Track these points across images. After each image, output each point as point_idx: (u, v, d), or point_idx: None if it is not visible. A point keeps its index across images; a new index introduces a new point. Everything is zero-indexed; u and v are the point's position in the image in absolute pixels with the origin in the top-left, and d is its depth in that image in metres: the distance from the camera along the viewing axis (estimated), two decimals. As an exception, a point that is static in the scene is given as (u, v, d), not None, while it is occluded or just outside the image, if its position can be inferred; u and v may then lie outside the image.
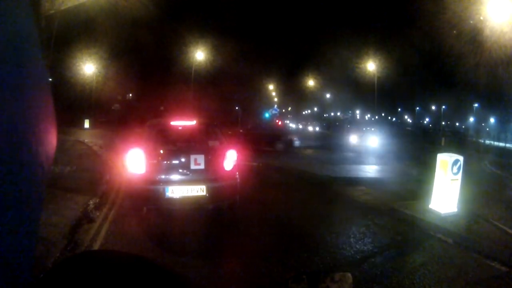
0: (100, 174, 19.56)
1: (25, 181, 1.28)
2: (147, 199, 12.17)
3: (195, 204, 12.25)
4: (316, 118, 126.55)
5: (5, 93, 1.16)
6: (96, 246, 10.11)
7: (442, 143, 58.90)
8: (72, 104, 67.56)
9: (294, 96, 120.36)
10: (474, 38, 33.56)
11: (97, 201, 14.34)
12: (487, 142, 70.27)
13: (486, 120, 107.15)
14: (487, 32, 30.81)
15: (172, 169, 12.28)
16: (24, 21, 1.30)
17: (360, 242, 11.26)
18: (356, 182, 21.58)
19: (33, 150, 1.30)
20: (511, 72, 36.78)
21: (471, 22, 32.50)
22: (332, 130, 74.36)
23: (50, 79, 31.62)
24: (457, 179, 13.70)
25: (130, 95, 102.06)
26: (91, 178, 18.28)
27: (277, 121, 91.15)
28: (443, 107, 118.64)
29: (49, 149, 1.43)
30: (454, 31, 34.81)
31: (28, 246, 1.32)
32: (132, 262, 2.22)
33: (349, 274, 2.26)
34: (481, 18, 31.13)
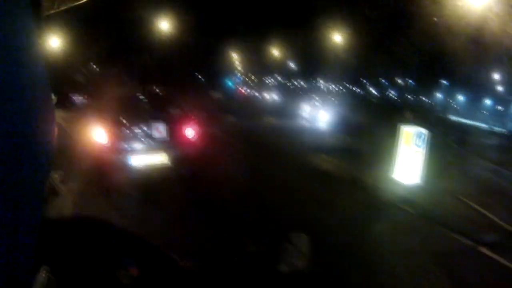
0: (64, 146, 19.50)
1: (25, 181, 1.31)
2: (111, 169, 12.28)
3: (158, 172, 12.42)
4: (279, 87, 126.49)
5: (5, 93, 1.19)
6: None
7: (407, 116, 59.06)
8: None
9: (258, 64, 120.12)
10: (445, 15, 33.86)
11: (62, 174, 14.35)
12: (454, 118, 70.90)
13: (454, 97, 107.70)
14: (457, 9, 31.12)
15: (134, 138, 12.42)
16: (24, 21, 1.33)
17: (320, 209, 11.46)
18: (318, 150, 21.68)
19: (33, 150, 1.35)
20: (480, 51, 37.16)
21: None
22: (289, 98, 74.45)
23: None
24: (421, 152, 13.93)
25: (94, 66, 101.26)
26: (56, 151, 18.21)
27: (239, 89, 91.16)
28: (410, 81, 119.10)
29: (49, 149, 1.48)
30: (435, 19, 35.09)
31: (28, 246, 1.35)
32: (100, 228, 2.33)
33: (305, 236, 2.39)
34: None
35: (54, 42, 65.57)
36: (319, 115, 41.81)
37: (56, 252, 1.94)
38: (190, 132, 12.81)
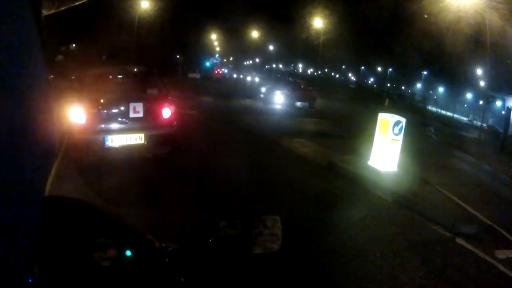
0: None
1: (25, 181, 1.27)
2: (88, 149, 12.23)
3: (134, 152, 12.45)
4: (257, 69, 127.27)
5: (5, 93, 1.16)
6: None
7: (386, 104, 59.52)
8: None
9: (237, 46, 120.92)
10: (428, 7, 34.10)
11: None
12: (434, 109, 71.52)
13: (434, 88, 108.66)
14: (445, 5, 31.35)
15: (111, 118, 12.33)
16: (24, 21, 1.29)
17: (296, 193, 11.40)
18: (295, 134, 21.66)
19: (33, 150, 1.30)
20: (461, 43, 37.49)
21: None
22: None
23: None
24: (398, 140, 13.94)
25: (74, 45, 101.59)
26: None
27: (217, 70, 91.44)
28: (390, 69, 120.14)
29: (49, 149, 1.43)
30: (425, 16, 35.39)
31: (28, 246, 1.30)
32: (75, 207, 2.24)
33: (279, 218, 2.28)
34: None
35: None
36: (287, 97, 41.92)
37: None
38: (166, 112, 12.72)
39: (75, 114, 12.00)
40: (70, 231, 2.16)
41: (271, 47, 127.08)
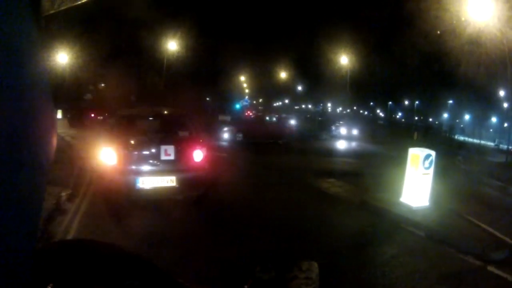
0: (72, 165, 19.48)
1: (25, 181, 1.27)
2: (118, 190, 12.16)
3: (165, 195, 12.34)
4: (288, 110, 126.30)
5: (5, 93, 1.16)
6: (69, 238, 10.00)
7: (415, 138, 58.92)
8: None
9: (266, 87, 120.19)
10: (451, 37, 33.81)
11: (69, 192, 14.26)
12: (461, 138, 70.79)
13: (460, 116, 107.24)
14: (465, 32, 31.15)
15: (142, 160, 12.33)
16: (24, 21, 1.31)
17: (330, 233, 11.37)
18: (326, 174, 21.52)
19: (33, 150, 1.30)
20: (488, 70, 37.16)
21: (452, 22, 32.76)
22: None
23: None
24: (429, 174, 13.83)
25: (102, 84, 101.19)
26: (63, 169, 18.23)
27: (247, 112, 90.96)
28: (416, 102, 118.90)
29: (49, 149, 1.41)
30: (438, 31, 34.98)
31: (28, 246, 1.33)
32: (104, 250, 2.31)
33: (315, 263, 2.37)
34: (462, 18, 31.43)
35: (63, 58, 65.69)
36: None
37: (61, 272, 1.94)
38: (198, 154, 12.68)
39: (106, 155, 12.11)
40: (100, 275, 2.13)
41: (299, 87, 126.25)
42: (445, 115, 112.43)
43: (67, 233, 10.44)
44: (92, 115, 56.54)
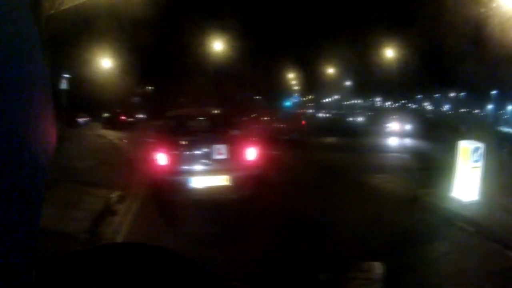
0: (121, 167, 19.63)
1: (25, 181, 1.26)
2: (171, 190, 12.19)
3: (218, 194, 12.30)
4: (337, 105, 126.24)
5: (5, 93, 1.15)
6: (118, 239, 10.17)
7: (461, 130, 58.32)
8: (92, 98, 68.18)
9: (315, 84, 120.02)
10: (489, 26, 33.32)
11: (119, 194, 14.39)
12: (506, 129, 69.63)
13: (504, 107, 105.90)
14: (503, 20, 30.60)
15: (195, 159, 12.32)
16: (24, 21, 1.29)
17: (382, 231, 11.17)
18: (377, 170, 21.38)
19: (33, 150, 1.29)
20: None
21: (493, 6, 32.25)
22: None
23: (68, 75, 31.82)
24: (478, 167, 13.56)
25: (150, 87, 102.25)
26: (113, 171, 18.37)
27: (297, 109, 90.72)
28: (462, 94, 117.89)
29: (49, 149, 1.41)
30: (482, 10, 34.20)
31: (28, 246, 1.31)
32: (154, 254, 2.25)
33: (378, 263, 2.28)
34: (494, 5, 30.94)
35: (106, 63, 66.62)
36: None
37: (109, 276, 1.89)
38: (251, 153, 12.63)
39: (157, 156, 12.12)
40: (150, 280, 2.09)
41: (348, 83, 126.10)
42: (489, 106, 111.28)
43: (117, 234, 10.59)
44: (122, 117, 61.37)
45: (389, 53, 74.57)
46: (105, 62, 67.77)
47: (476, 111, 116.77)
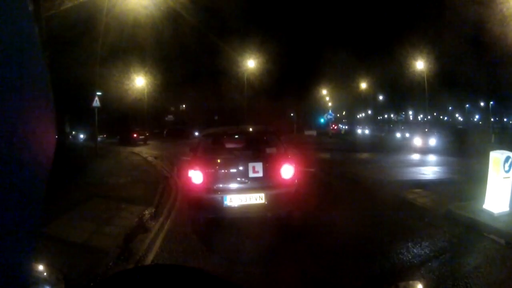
0: (155, 184, 19.69)
1: (25, 181, 1.28)
2: (206, 208, 12.15)
3: (254, 212, 12.13)
4: (370, 120, 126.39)
5: (5, 93, 1.17)
6: (150, 256, 10.16)
7: (492, 140, 57.96)
8: (125, 116, 69.22)
9: (348, 100, 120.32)
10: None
11: (153, 211, 14.48)
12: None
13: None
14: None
15: (230, 177, 12.20)
16: (24, 21, 1.29)
17: (417, 246, 11.04)
18: (412, 184, 21.16)
19: (33, 150, 1.31)
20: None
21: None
22: (387, 132, 73.30)
23: (100, 93, 32.27)
24: (509, 177, 13.27)
25: (184, 105, 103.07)
26: (146, 188, 18.44)
27: (332, 126, 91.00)
28: (491, 102, 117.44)
29: (49, 149, 1.42)
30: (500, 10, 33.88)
31: (28, 246, 1.32)
32: (191, 276, 2.21)
33: (417, 282, 2.23)
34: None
35: (140, 81, 67.57)
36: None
37: None
38: (286, 171, 12.41)
39: (193, 174, 12.01)
40: None
41: (381, 97, 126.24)
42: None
43: (149, 251, 10.53)
44: (135, 135, 66.42)
45: (420, 65, 74.59)
46: (138, 80, 68.63)
47: (505, 119, 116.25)
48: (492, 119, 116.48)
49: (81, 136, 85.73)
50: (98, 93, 32.16)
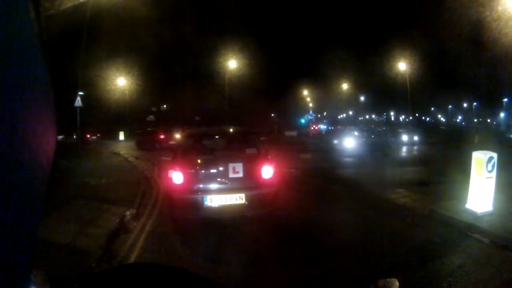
0: (136, 185, 19.71)
1: (25, 181, 1.28)
2: (186, 208, 12.17)
3: (234, 212, 12.19)
4: (351, 121, 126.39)
5: (5, 93, 1.16)
6: (132, 257, 10.16)
7: (475, 141, 58.18)
8: (107, 116, 69.09)
9: (329, 100, 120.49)
10: (498, 32, 33.29)
11: (134, 212, 14.50)
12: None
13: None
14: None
15: (210, 178, 12.26)
16: (24, 21, 1.30)
17: (400, 247, 11.15)
18: (394, 184, 21.29)
19: (33, 150, 1.30)
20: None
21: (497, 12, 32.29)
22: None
23: (82, 93, 32.15)
24: (492, 177, 13.40)
25: (165, 106, 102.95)
26: (128, 189, 18.44)
27: (313, 126, 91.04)
28: (475, 103, 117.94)
29: (49, 149, 1.42)
30: (488, 12, 34.06)
31: (28, 246, 1.32)
32: (168, 275, 2.21)
33: (395, 280, 2.23)
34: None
35: (121, 81, 67.39)
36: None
37: None
38: (266, 171, 12.50)
39: (174, 174, 12.05)
40: None
41: (362, 98, 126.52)
42: (502, 114, 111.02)
43: (131, 252, 10.53)
44: (88, 136, 67.69)
45: (402, 66, 74.77)
46: (120, 81, 68.40)
47: (488, 120, 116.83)
48: (475, 120, 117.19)
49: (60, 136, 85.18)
50: (80, 93, 32.06)
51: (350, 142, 48.39)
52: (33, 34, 1.34)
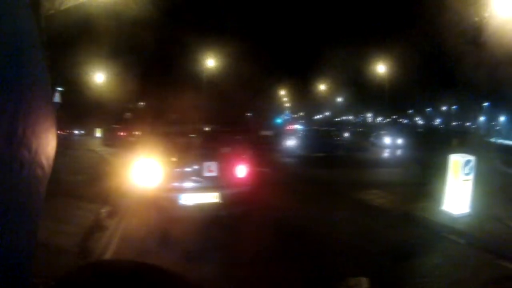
0: (112, 182, 19.61)
1: (25, 181, 1.28)
2: (161, 207, 12.11)
3: (209, 211, 12.16)
4: (328, 122, 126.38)
5: (5, 93, 1.17)
6: (108, 254, 10.14)
7: (453, 144, 58.39)
8: (83, 113, 68.56)
9: (306, 101, 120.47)
10: (476, 37, 33.40)
11: (109, 209, 14.38)
12: (498, 141, 69.50)
13: (496, 118, 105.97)
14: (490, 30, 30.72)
15: (185, 176, 12.27)
16: (24, 21, 1.29)
17: (376, 247, 11.11)
18: (370, 185, 21.30)
19: (33, 150, 1.30)
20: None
21: (475, 19, 32.40)
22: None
23: (61, 88, 32.08)
24: (469, 180, 13.58)
25: (142, 103, 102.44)
26: (103, 186, 18.34)
27: (289, 126, 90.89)
28: (454, 107, 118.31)
29: (49, 149, 1.42)
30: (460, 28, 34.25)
31: (28, 246, 1.33)
32: (143, 271, 2.21)
33: (365, 279, 2.23)
34: (487, 15, 31.04)
35: (99, 77, 67.21)
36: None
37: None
38: (241, 170, 12.65)
39: (148, 172, 12.10)
40: None
41: (339, 99, 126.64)
42: (481, 118, 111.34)
43: (107, 249, 10.51)
44: (58, 132, 62.03)
45: (380, 68, 74.85)
46: (98, 77, 68.14)
47: (468, 123, 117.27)
48: (454, 123, 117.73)
49: None
50: (59, 88, 31.97)
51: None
52: (33, 34, 1.36)
